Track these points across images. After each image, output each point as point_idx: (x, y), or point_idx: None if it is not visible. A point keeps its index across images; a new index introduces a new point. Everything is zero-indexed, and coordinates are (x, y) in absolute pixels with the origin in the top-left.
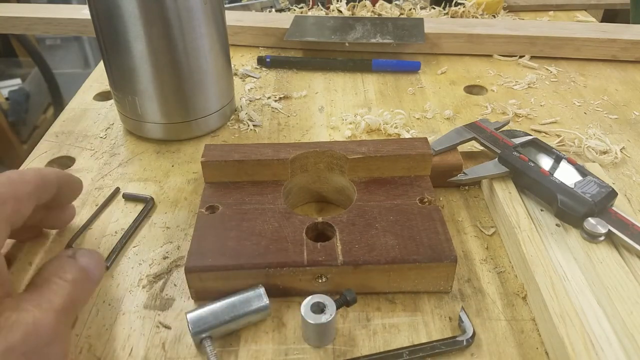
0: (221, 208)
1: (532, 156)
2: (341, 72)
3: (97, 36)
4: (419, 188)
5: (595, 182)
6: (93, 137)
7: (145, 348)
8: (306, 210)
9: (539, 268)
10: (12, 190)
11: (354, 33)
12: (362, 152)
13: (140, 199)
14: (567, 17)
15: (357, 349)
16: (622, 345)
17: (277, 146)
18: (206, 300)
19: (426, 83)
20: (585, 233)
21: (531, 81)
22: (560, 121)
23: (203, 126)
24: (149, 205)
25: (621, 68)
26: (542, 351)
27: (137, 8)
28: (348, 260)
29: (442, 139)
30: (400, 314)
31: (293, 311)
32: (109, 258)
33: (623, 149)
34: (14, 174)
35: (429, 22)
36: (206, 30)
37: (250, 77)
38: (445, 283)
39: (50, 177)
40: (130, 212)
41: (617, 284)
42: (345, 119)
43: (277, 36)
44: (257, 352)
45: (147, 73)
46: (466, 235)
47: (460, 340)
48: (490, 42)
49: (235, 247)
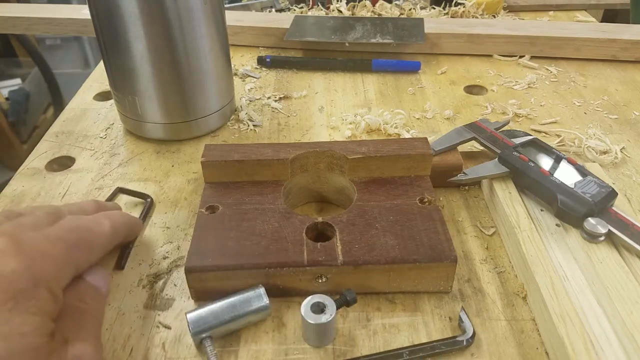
0: (221, 208)
1: (532, 156)
2: (341, 72)
3: (97, 36)
4: (419, 188)
5: (595, 182)
6: (93, 137)
7: (145, 348)
8: (306, 210)
9: (539, 268)
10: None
11: (354, 33)
12: (362, 152)
13: (139, 194)
14: (567, 17)
15: (357, 349)
16: (622, 345)
17: (277, 146)
18: (206, 300)
19: (426, 83)
20: (585, 233)
21: (531, 81)
22: (560, 121)
23: (203, 126)
24: (148, 203)
25: (621, 68)
26: (542, 351)
27: (137, 8)
28: (348, 260)
29: (442, 139)
30: (400, 314)
31: (293, 311)
32: (120, 260)
33: (623, 149)
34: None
35: (429, 22)
36: (206, 30)
37: (250, 77)
38: (445, 283)
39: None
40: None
41: (617, 284)
42: (345, 119)
43: (277, 36)
44: (257, 352)
45: (147, 73)
46: (466, 235)
47: (460, 340)
48: (490, 42)
49: (235, 247)
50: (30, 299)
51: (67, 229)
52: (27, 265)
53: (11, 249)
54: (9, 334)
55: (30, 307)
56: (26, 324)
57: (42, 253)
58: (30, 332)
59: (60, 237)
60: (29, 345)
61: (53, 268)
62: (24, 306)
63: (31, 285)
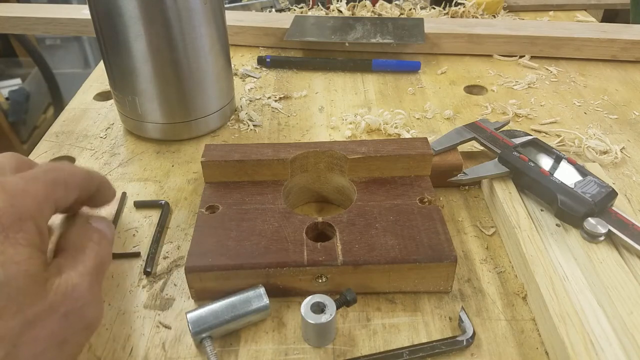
0: (221, 208)
1: (532, 156)
2: (341, 72)
3: (97, 36)
4: (419, 188)
5: (595, 182)
6: (93, 137)
7: (145, 348)
8: (306, 210)
9: (539, 268)
10: (64, 177)
11: (354, 33)
12: (362, 152)
13: (155, 205)
14: (567, 17)
15: (357, 349)
16: (622, 345)
17: (277, 146)
18: (206, 300)
19: (426, 83)
20: (585, 233)
21: (531, 81)
22: (560, 121)
23: (203, 126)
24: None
25: (621, 68)
26: (542, 351)
27: (137, 8)
28: (348, 260)
29: (442, 139)
30: (400, 314)
31: (293, 311)
32: (147, 264)
33: (623, 149)
34: (66, 165)
35: (429, 22)
36: (206, 30)
37: (250, 77)
38: (445, 283)
39: (94, 175)
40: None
41: (617, 284)
42: (345, 119)
43: (277, 36)
44: (257, 352)
45: (147, 73)
46: (466, 235)
47: (460, 340)
48: (490, 42)
49: (235, 247)
50: (19, 232)
51: (42, 170)
52: (11, 203)
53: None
54: (4, 262)
55: (20, 240)
56: (18, 254)
57: (22, 191)
58: (24, 261)
59: (36, 177)
60: (25, 272)
61: (34, 203)
62: (14, 239)
63: (17, 219)
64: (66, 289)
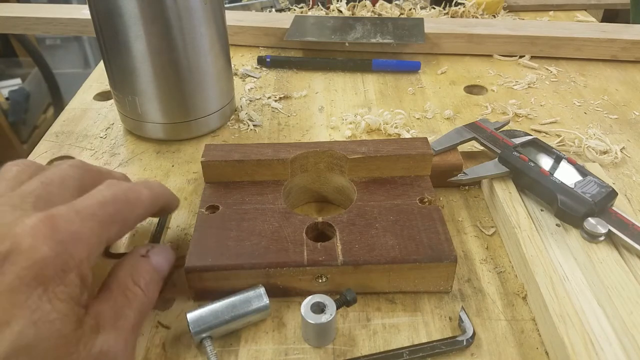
0: (221, 208)
1: (532, 156)
2: (341, 72)
3: (97, 36)
4: (419, 188)
5: (595, 182)
6: (93, 137)
7: (145, 348)
8: (306, 210)
9: (539, 268)
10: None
11: (354, 33)
12: (362, 152)
13: None
14: (567, 17)
15: (357, 349)
16: (622, 345)
17: (277, 146)
18: (206, 300)
19: (426, 83)
20: (585, 233)
21: (531, 81)
22: (560, 121)
23: (203, 126)
24: None
25: (621, 68)
26: (542, 351)
27: (137, 8)
28: (348, 260)
29: (442, 139)
30: (400, 314)
31: (293, 311)
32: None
33: (623, 149)
34: (132, 193)
35: (429, 22)
36: (206, 30)
37: (250, 77)
38: (445, 283)
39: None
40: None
41: (617, 284)
42: (345, 119)
43: (277, 36)
44: (257, 352)
45: (147, 73)
46: (466, 235)
47: (460, 340)
48: (490, 42)
49: (235, 247)
50: (59, 285)
51: (102, 202)
52: (59, 252)
53: (43, 233)
54: (37, 321)
55: (59, 294)
56: (55, 311)
57: (74, 236)
58: (58, 320)
59: (94, 213)
60: (57, 332)
61: (84, 250)
62: (53, 293)
63: (61, 272)
64: (99, 354)
